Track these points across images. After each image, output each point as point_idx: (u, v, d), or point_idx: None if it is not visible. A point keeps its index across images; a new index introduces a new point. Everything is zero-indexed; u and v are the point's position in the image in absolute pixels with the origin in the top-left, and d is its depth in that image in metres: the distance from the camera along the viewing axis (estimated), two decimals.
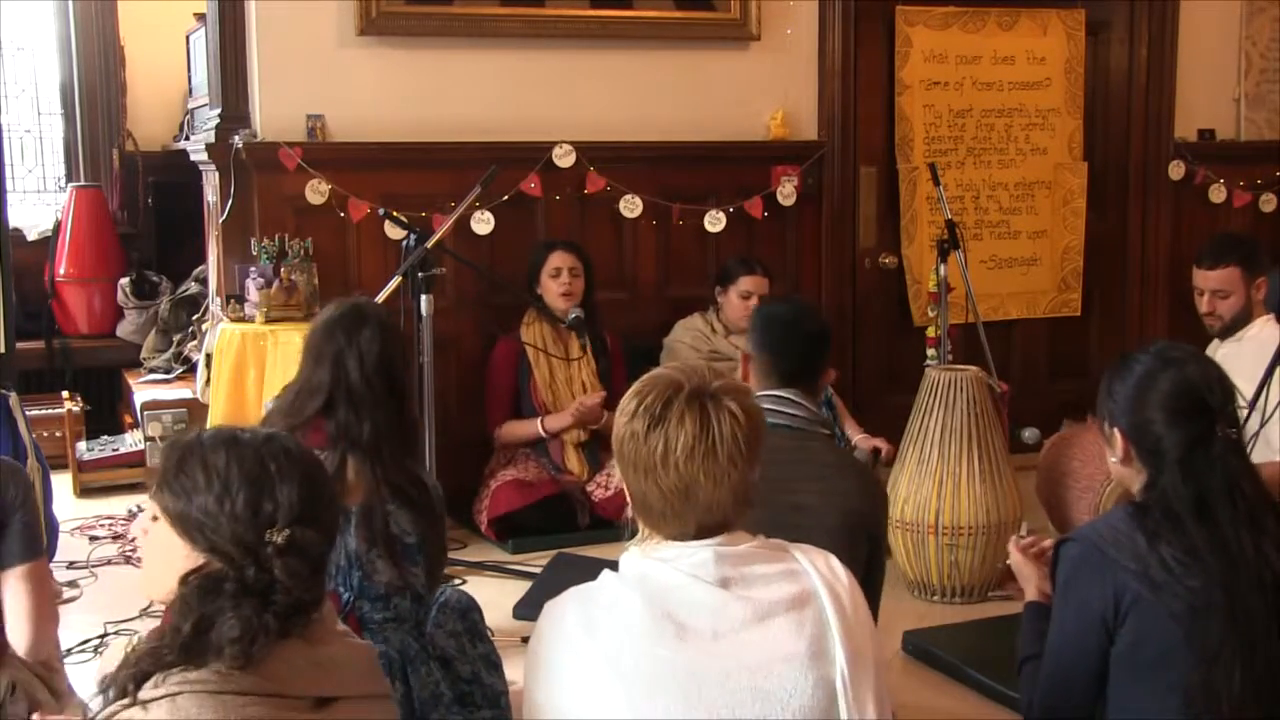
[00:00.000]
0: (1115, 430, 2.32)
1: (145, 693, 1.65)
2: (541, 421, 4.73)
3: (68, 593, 4.16)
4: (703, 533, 1.83)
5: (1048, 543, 2.75)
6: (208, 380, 4.64)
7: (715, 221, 5.25)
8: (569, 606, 1.83)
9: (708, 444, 1.78)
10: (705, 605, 1.77)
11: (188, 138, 5.69)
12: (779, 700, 1.74)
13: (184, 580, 1.73)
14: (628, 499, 1.88)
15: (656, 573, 1.81)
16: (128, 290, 6.37)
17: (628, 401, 1.85)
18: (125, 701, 1.65)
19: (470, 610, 2.95)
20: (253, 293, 4.58)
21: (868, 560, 2.66)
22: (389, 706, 1.89)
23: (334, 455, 2.77)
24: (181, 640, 1.67)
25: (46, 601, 2.66)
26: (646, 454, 1.80)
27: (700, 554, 1.81)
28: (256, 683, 1.66)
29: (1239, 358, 4.10)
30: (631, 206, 5.13)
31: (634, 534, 1.92)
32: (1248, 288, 4.22)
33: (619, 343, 4.97)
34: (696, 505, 1.81)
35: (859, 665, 1.79)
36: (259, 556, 1.70)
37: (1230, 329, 4.27)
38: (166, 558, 1.75)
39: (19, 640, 2.58)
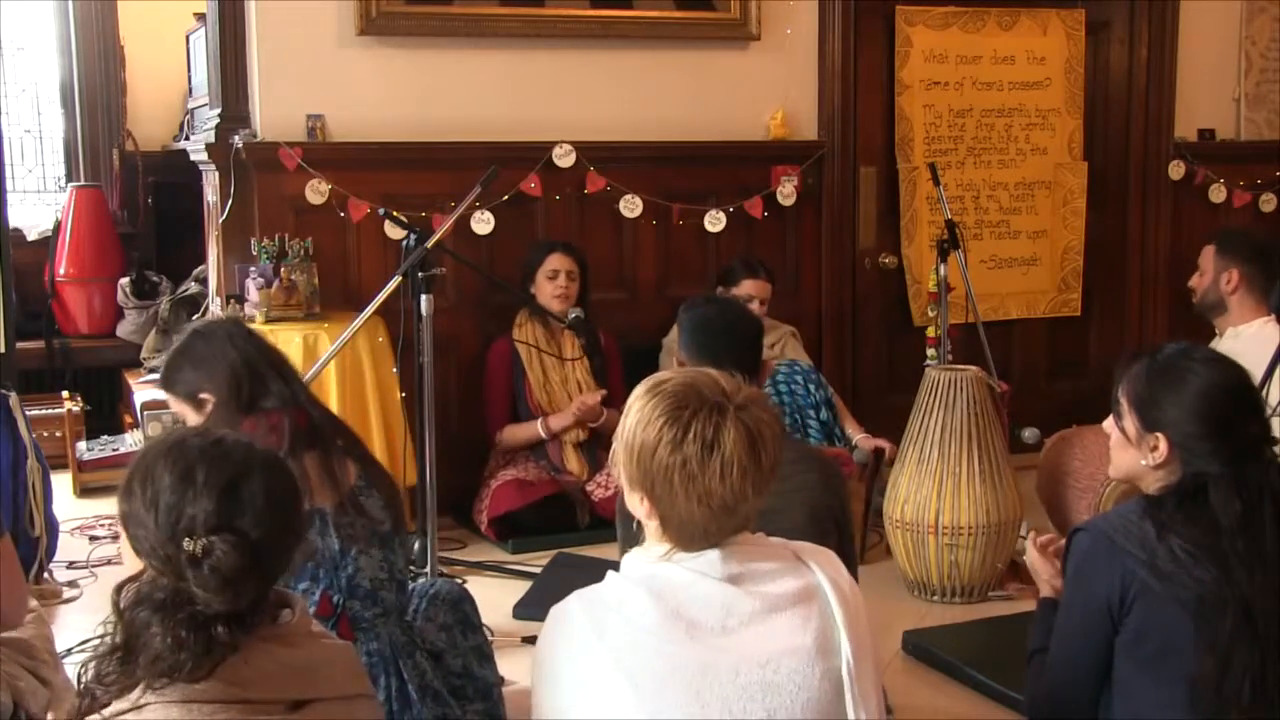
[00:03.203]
0: (1160, 436, 2.30)
1: (112, 708, 1.65)
2: (543, 422, 4.73)
3: (68, 592, 4.17)
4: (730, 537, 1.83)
5: (1065, 542, 2.76)
6: None
7: (715, 221, 5.24)
8: (575, 608, 1.82)
9: (754, 456, 1.78)
10: (715, 601, 1.78)
11: (188, 138, 5.68)
12: (788, 694, 1.74)
13: (117, 589, 1.72)
14: (650, 518, 1.83)
15: (664, 572, 1.81)
16: (128, 290, 6.37)
17: (667, 429, 1.77)
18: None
19: (461, 601, 2.92)
20: (253, 293, 4.58)
21: (834, 550, 2.67)
22: (371, 706, 1.87)
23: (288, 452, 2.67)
24: (117, 656, 1.67)
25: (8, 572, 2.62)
26: (705, 479, 1.76)
27: (707, 553, 1.81)
28: (224, 689, 1.65)
29: (1239, 356, 4.11)
30: (631, 206, 5.13)
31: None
32: (1216, 269, 4.38)
33: (614, 342, 4.96)
34: (738, 516, 1.81)
35: (862, 658, 1.80)
36: (177, 565, 1.68)
37: (1207, 309, 4.45)
38: (133, 561, 1.77)
39: None
